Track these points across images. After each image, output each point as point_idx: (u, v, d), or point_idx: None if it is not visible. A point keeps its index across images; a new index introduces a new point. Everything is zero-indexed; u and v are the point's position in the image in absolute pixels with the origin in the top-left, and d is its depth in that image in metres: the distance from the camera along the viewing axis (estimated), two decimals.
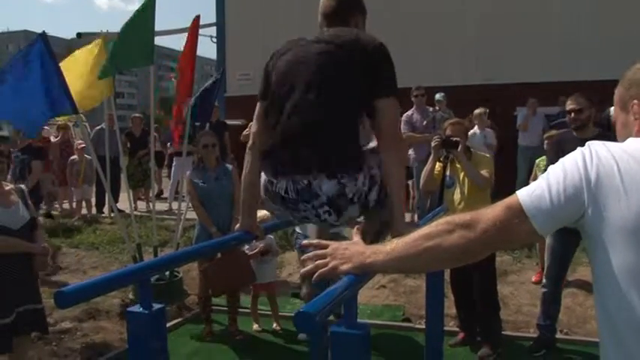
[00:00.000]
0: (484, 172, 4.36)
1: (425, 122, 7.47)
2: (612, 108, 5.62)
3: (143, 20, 5.61)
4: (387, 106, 2.13)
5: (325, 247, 1.54)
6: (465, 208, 4.18)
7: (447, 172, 4.46)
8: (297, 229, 4.71)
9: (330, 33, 2.24)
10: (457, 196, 4.42)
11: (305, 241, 1.64)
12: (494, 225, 1.27)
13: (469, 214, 1.33)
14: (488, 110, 9.37)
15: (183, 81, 6.13)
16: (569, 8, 10.42)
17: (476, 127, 8.30)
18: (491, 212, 1.29)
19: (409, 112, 7.49)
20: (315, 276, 1.52)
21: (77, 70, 6.00)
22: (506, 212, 1.27)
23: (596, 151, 1.23)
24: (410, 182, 7.77)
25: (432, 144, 4.47)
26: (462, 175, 4.43)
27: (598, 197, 1.19)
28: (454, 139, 4.38)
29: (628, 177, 1.17)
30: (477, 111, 8.42)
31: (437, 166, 4.49)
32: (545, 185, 1.24)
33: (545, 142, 5.95)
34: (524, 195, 1.26)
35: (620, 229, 1.17)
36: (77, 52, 6.42)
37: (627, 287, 1.17)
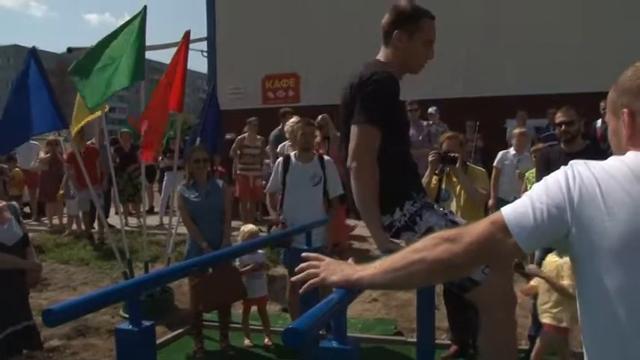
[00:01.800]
0: (481, 188, 4.39)
1: (420, 137, 7.50)
2: (599, 120, 5.67)
3: (134, 36, 5.61)
4: (352, 131, 2.43)
5: (321, 261, 1.60)
6: None
7: (443, 185, 4.49)
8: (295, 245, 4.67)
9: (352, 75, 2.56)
10: (453, 209, 4.44)
11: (305, 254, 1.70)
12: (478, 239, 1.29)
13: (455, 229, 1.37)
14: (478, 123, 9.46)
15: (173, 94, 6.07)
16: (558, 22, 10.54)
17: (512, 149, 6.87)
18: (477, 227, 1.31)
19: None
20: (305, 286, 1.57)
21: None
22: (491, 228, 1.29)
23: (578, 172, 1.24)
24: None
25: (430, 158, 4.50)
26: (458, 188, 4.45)
27: (581, 218, 1.20)
28: (453, 154, 4.41)
29: (610, 198, 1.18)
30: (516, 130, 7.03)
31: (433, 179, 4.51)
32: (529, 203, 1.26)
33: (532, 155, 5.97)
34: (508, 212, 1.28)
35: (605, 250, 1.18)
36: None
37: (615, 307, 1.18)
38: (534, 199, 1.26)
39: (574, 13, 10.56)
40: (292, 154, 4.97)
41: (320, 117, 7.38)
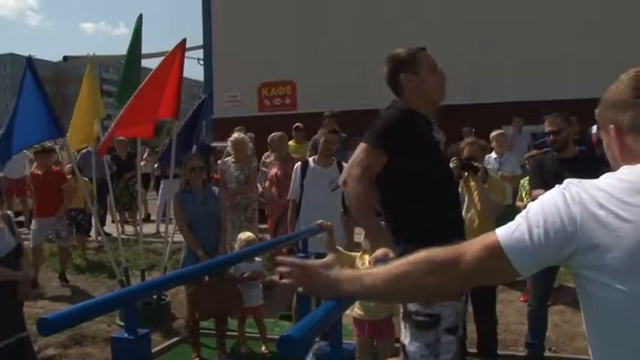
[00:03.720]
0: (497, 198, 4.39)
1: None
2: (595, 126, 5.64)
3: (132, 45, 5.64)
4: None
5: (297, 266, 1.52)
6: (476, 227, 4.23)
7: (460, 190, 4.47)
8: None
9: None
10: (467, 215, 4.38)
11: (279, 257, 1.63)
12: (475, 267, 1.26)
13: (449, 250, 1.31)
14: (474, 129, 9.48)
15: (169, 102, 6.00)
16: (554, 30, 10.61)
17: (493, 153, 6.93)
18: (472, 252, 1.27)
19: None
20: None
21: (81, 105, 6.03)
22: (487, 253, 1.25)
23: (577, 192, 1.19)
24: None
25: (451, 165, 4.44)
26: (474, 195, 4.42)
27: (585, 238, 1.16)
28: (476, 163, 4.41)
29: (612, 215, 1.15)
30: (493, 133, 7.04)
31: None
32: (525, 227, 1.21)
33: (526, 162, 5.98)
34: (503, 236, 1.23)
35: (614, 266, 1.14)
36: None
37: (628, 319, 1.15)
38: (531, 222, 1.21)
39: (572, 19, 10.63)
40: (311, 158, 4.96)
41: (277, 136, 7.07)
